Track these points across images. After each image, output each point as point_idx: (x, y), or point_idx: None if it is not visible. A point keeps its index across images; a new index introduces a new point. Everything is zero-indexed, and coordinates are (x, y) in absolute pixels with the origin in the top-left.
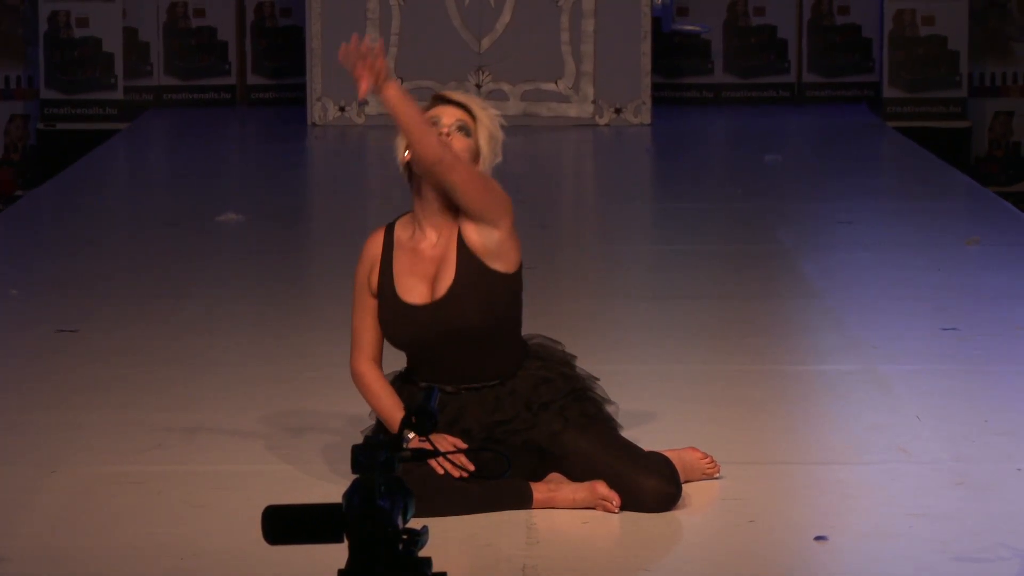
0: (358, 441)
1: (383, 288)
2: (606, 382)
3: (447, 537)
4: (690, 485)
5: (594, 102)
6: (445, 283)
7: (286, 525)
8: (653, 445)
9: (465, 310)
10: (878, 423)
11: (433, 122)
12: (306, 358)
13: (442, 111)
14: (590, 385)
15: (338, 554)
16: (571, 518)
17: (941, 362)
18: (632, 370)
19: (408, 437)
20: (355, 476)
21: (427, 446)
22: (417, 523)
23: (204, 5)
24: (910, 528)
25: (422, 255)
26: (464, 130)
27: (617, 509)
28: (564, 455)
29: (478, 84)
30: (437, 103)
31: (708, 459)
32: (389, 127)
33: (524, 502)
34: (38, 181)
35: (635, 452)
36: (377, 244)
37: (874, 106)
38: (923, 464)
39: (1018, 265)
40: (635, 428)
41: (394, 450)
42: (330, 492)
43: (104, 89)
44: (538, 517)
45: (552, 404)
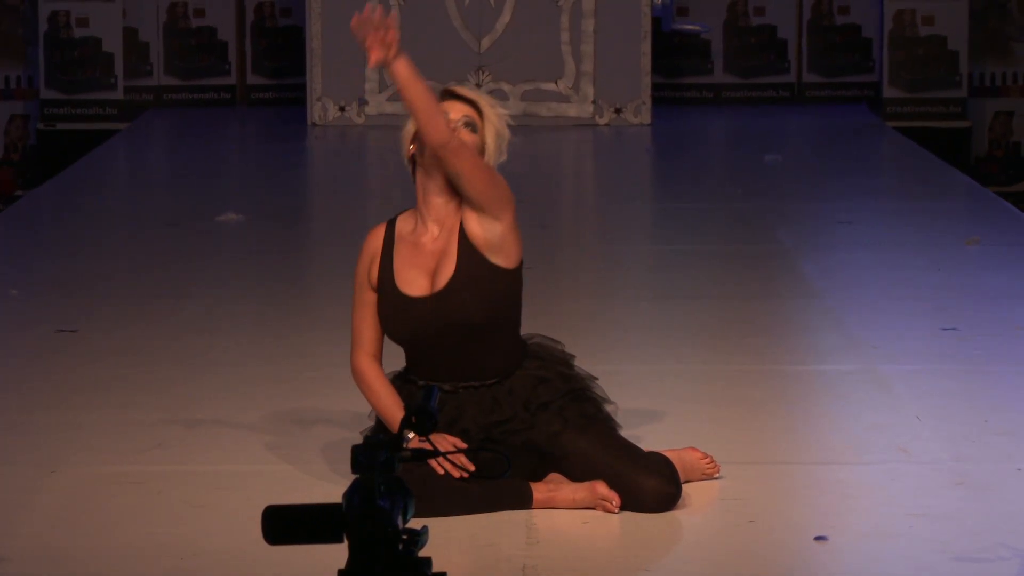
0: (358, 441)
1: (383, 281)
2: (606, 382)
3: (447, 537)
4: (690, 485)
5: (594, 102)
6: (445, 275)
7: (286, 525)
8: (653, 445)
9: (465, 303)
10: (878, 423)
11: None
12: (306, 358)
13: (450, 106)
14: (589, 385)
15: (338, 554)
16: (571, 518)
17: (941, 362)
18: (632, 370)
19: (408, 437)
20: (355, 476)
21: (427, 446)
22: (417, 523)
23: (204, 5)
24: (910, 528)
25: (423, 248)
26: (471, 126)
27: (617, 509)
28: (564, 456)
29: (478, 84)
30: (446, 98)
31: (708, 459)
32: (389, 127)
33: (524, 502)
34: (38, 181)
35: (635, 452)
36: (378, 238)
37: (874, 106)
38: (923, 464)
39: (1018, 265)
40: (635, 428)
41: (394, 450)
42: (330, 492)
43: (104, 89)
44: (538, 517)
45: (551, 404)
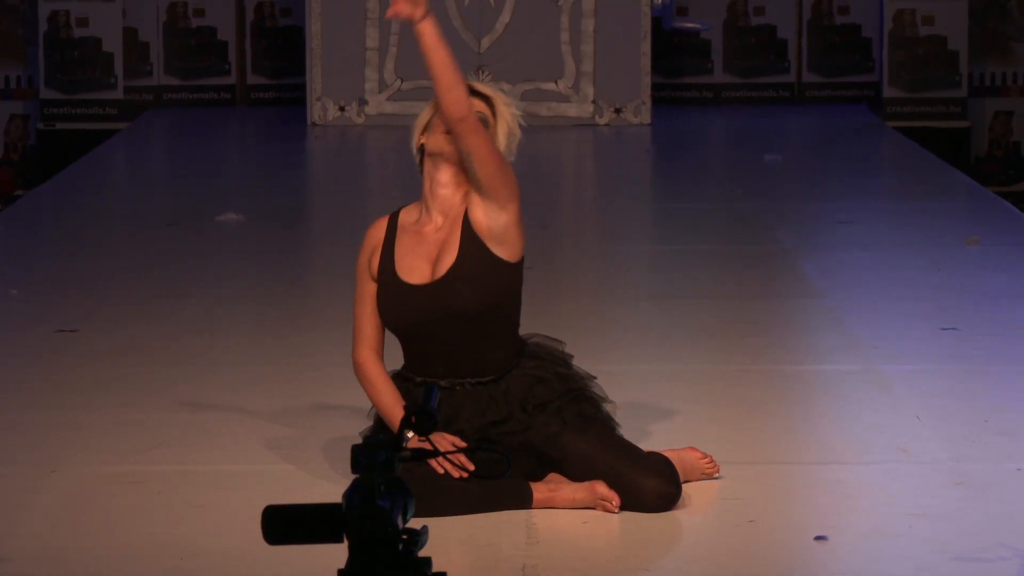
0: (357, 441)
1: (383, 271)
2: (606, 382)
3: (447, 537)
4: (690, 485)
5: (594, 102)
6: (447, 263)
7: (286, 525)
8: (653, 445)
9: (464, 293)
10: (878, 423)
11: None
12: (306, 358)
13: None
14: (587, 384)
15: (338, 554)
16: (571, 518)
17: (941, 362)
18: (632, 370)
19: (408, 437)
20: (355, 476)
21: (427, 446)
22: (417, 523)
23: (204, 5)
24: (910, 528)
25: (426, 238)
26: (483, 123)
27: (617, 509)
28: (563, 456)
29: None
30: None
31: (708, 459)
32: (389, 127)
33: (524, 502)
34: (38, 181)
35: (635, 452)
36: (380, 230)
37: (874, 106)
38: (923, 464)
39: (1018, 265)
40: (635, 428)
41: (394, 450)
42: (330, 492)
43: (104, 89)
44: (538, 517)
45: (548, 405)
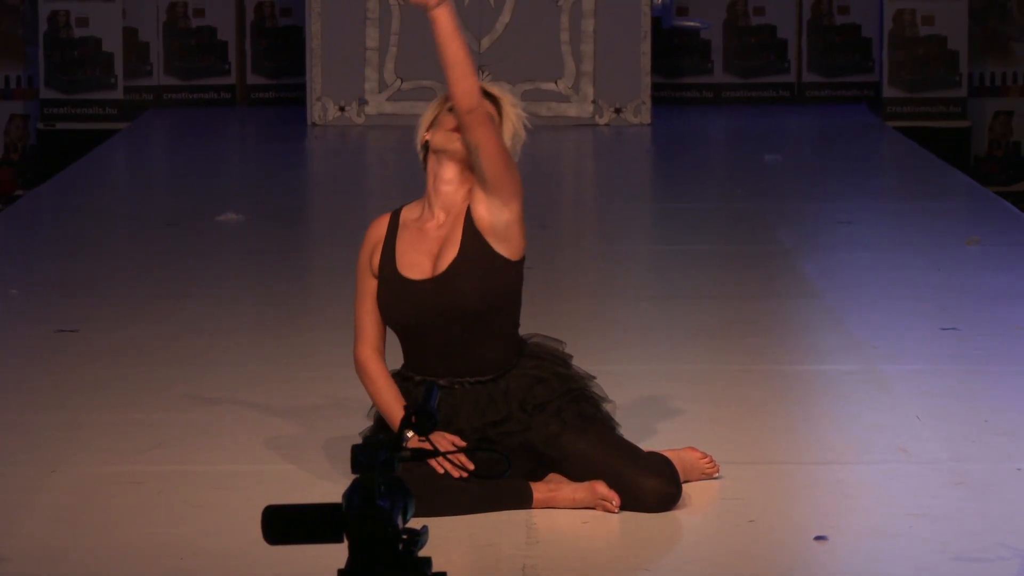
0: (357, 441)
1: (384, 267)
2: (606, 382)
3: (447, 537)
4: (690, 485)
5: (594, 102)
6: (448, 259)
7: (286, 525)
8: (653, 445)
9: (464, 289)
10: (878, 423)
11: None
12: (306, 358)
13: None
14: (586, 384)
15: (338, 554)
16: (571, 518)
17: (941, 362)
18: (632, 370)
19: (407, 436)
20: (355, 476)
21: (427, 446)
22: (417, 523)
23: (204, 5)
24: (910, 528)
25: (428, 233)
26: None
27: (617, 509)
28: (563, 457)
29: None
30: None
31: (708, 459)
32: (389, 127)
33: (524, 502)
34: (38, 181)
35: (635, 452)
36: (382, 227)
37: (874, 106)
38: (923, 464)
39: (1018, 265)
40: (635, 428)
41: (394, 450)
42: (330, 492)
43: (104, 89)
44: (538, 517)
45: (548, 405)
